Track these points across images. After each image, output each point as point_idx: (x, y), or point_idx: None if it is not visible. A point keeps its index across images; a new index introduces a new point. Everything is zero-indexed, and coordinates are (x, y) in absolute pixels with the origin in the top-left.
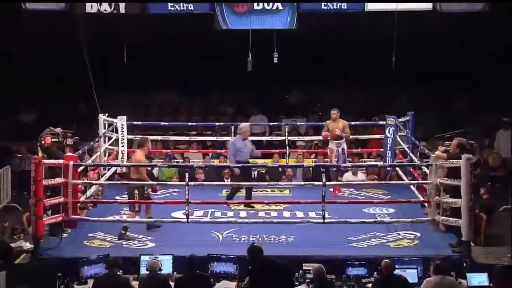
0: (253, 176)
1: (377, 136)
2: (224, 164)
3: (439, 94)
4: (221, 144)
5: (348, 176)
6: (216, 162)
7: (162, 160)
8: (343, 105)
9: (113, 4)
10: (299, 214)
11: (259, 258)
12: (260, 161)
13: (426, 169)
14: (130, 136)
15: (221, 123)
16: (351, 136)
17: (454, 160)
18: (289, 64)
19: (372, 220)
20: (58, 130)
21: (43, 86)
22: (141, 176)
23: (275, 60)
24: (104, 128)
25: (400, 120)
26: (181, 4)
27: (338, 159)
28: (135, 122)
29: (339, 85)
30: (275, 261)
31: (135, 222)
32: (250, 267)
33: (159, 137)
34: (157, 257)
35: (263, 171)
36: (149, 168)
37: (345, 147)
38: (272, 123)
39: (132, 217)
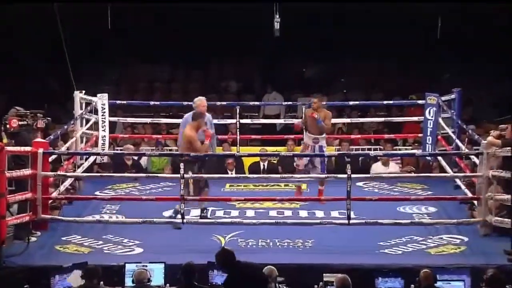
0: (262, 167)
1: (415, 119)
2: (228, 152)
3: (493, 67)
4: (224, 128)
5: (378, 168)
6: (218, 150)
7: (152, 148)
8: (374, 80)
9: None
10: (319, 213)
11: (232, 264)
12: (271, 150)
13: (475, 159)
14: (113, 119)
15: (224, 103)
16: (329, 126)
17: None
18: (307, 30)
19: (409, 221)
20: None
21: (6, 56)
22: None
23: (276, 25)
24: (81, 109)
25: (443, 98)
26: None
27: (311, 159)
28: (118, 101)
29: (370, 56)
30: (251, 266)
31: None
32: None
33: (148, 120)
34: (146, 266)
35: (275, 161)
36: (135, 158)
37: (324, 145)
38: (285, 103)
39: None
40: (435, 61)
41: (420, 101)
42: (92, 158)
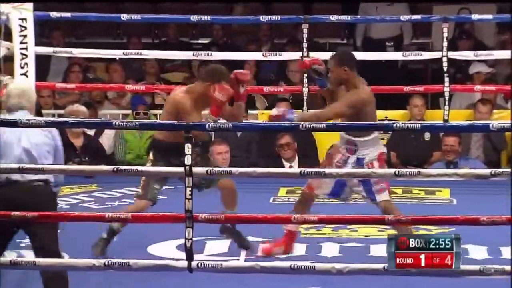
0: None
1: None
2: (285, 123)
3: None
4: (274, 71)
5: None
6: (261, 118)
7: (125, 113)
8: None
9: None
10: (479, 251)
11: None
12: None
13: None
14: (44, 50)
15: (276, 18)
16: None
17: None
18: None
19: None
20: None
21: None
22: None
23: None
24: None
25: None
26: None
27: (339, 180)
28: (55, 14)
29: None
30: None
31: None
32: None
33: (118, 52)
34: None
35: (383, 140)
36: (91, 133)
37: (369, 157)
38: (407, 17)
39: (139, 208)
40: None
41: None
42: None
